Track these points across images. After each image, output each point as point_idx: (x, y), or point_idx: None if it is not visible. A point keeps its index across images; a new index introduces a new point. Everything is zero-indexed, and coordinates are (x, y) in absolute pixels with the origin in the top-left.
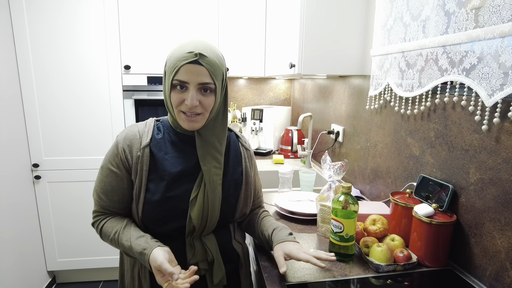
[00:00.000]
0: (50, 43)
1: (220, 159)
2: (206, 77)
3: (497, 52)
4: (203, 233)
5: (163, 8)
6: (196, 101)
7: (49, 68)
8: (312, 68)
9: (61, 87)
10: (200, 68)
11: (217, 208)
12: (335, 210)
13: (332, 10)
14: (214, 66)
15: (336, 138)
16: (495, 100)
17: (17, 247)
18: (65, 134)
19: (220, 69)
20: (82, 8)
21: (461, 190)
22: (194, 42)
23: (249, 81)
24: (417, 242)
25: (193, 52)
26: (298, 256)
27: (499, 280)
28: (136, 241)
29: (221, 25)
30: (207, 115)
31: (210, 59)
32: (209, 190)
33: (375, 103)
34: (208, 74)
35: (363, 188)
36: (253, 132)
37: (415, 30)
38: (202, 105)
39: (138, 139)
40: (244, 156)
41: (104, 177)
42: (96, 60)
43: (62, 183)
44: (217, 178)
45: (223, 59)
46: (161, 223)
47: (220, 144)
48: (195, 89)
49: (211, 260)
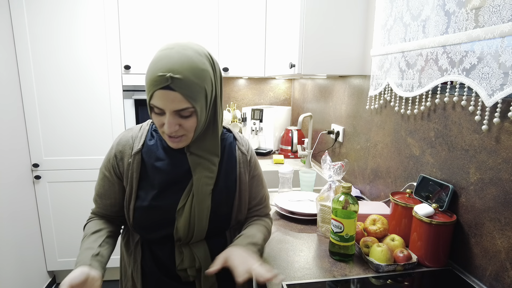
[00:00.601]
0: (50, 43)
1: (213, 168)
2: (182, 103)
3: (497, 52)
4: (192, 241)
5: (163, 8)
6: (175, 126)
7: (49, 68)
8: (312, 68)
9: (61, 87)
10: (173, 94)
11: (205, 219)
12: (335, 210)
13: (332, 10)
14: (191, 88)
15: (336, 138)
16: (495, 100)
17: (17, 247)
18: (65, 134)
19: (201, 88)
20: (82, 8)
21: (461, 190)
22: (168, 58)
23: (249, 81)
24: (417, 242)
25: (164, 76)
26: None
27: (499, 280)
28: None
29: (221, 25)
30: (191, 135)
31: (185, 81)
32: (196, 201)
33: (375, 103)
34: (183, 100)
35: (363, 188)
36: (253, 132)
37: (415, 30)
38: (183, 128)
39: (131, 145)
40: (239, 161)
41: (100, 180)
42: (96, 60)
43: (62, 183)
44: (207, 188)
45: (206, 71)
46: (150, 230)
47: (212, 154)
48: (172, 115)
49: (198, 267)
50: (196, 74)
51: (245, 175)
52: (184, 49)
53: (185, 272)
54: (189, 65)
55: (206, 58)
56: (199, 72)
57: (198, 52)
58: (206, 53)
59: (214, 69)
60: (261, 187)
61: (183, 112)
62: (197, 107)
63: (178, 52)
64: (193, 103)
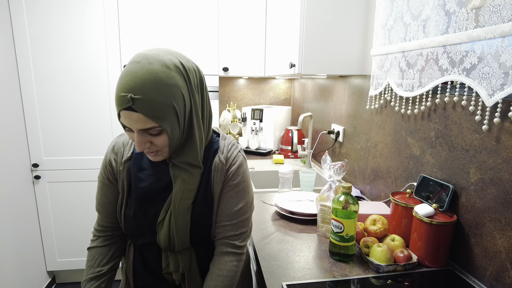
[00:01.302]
0: (50, 43)
1: (194, 180)
2: (147, 123)
3: (498, 52)
4: (176, 249)
5: (163, 8)
6: (144, 144)
7: (49, 68)
8: (312, 68)
9: (60, 87)
10: (136, 115)
11: (185, 233)
12: (335, 210)
13: (332, 10)
14: (155, 107)
15: (336, 138)
16: (496, 100)
17: (17, 247)
18: (65, 134)
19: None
20: (82, 8)
21: (461, 190)
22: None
23: (249, 81)
24: (418, 242)
25: (126, 97)
26: None
27: (500, 280)
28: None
29: (221, 25)
30: (166, 149)
31: (147, 101)
32: (174, 217)
33: (376, 103)
34: (148, 120)
35: (363, 188)
36: (253, 132)
37: (415, 29)
38: (155, 145)
39: (122, 152)
40: (215, 169)
41: (100, 189)
42: (96, 60)
43: (62, 183)
44: (185, 202)
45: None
46: (137, 236)
47: (193, 166)
48: (140, 134)
49: (182, 272)
50: (162, 91)
51: (219, 184)
52: (150, 63)
53: (171, 276)
54: (153, 83)
55: (176, 70)
56: (165, 89)
57: (166, 64)
58: (177, 63)
59: (188, 80)
60: (235, 200)
61: (151, 130)
62: (164, 125)
63: (142, 68)
64: (160, 123)
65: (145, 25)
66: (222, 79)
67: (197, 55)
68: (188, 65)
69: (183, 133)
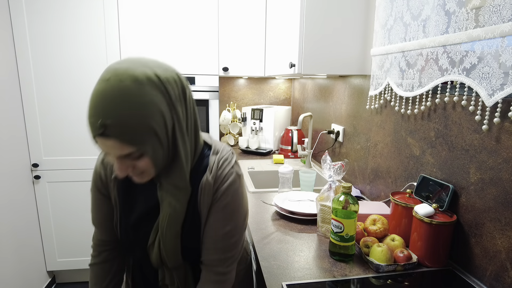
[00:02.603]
0: (50, 43)
1: (180, 206)
2: (124, 149)
3: (498, 51)
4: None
5: (163, 8)
6: (126, 169)
7: (49, 68)
8: (312, 67)
9: (60, 86)
10: (111, 141)
11: (175, 255)
12: (335, 210)
13: (332, 9)
14: (130, 131)
15: (336, 138)
16: (496, 100)
17: (17, 247)
18: (65, 133)
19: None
20: (82, 9)
21: (461, 190)
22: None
23: (249, 80)
24: (417, 242)
25: (96, 124)
26: None
27: (500, 280)
28: None
29: (221, 25)
30: (152, 170)
31: (120, 125)
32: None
33: (375, 103)
34: (124, 145)
35: (363, 188)
36: (253, 132)
37: (415, 29)
38: (138, 168)
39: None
40: (202, 188)
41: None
42: (96, 60)
43: (62, 183)
44: (173, 229)
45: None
46: (132, 251)
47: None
48: (120, 160)
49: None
50: (136, 112)
51: (206, 206)
52: (121, 81)
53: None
54: (125, 104)
55: (151, 84)
56: (139, 108)
57: (139, 80)
58: (151, 76)
59: (167, 93)
60: (222, 223)
61: (131, 155)
62: (144, 149)
63: (112, 87)
64: (138, 147)
65: (145, 25)
66: (222, 79)
67: (197, 55)
68: (166, 75)
69: (169, 151)
